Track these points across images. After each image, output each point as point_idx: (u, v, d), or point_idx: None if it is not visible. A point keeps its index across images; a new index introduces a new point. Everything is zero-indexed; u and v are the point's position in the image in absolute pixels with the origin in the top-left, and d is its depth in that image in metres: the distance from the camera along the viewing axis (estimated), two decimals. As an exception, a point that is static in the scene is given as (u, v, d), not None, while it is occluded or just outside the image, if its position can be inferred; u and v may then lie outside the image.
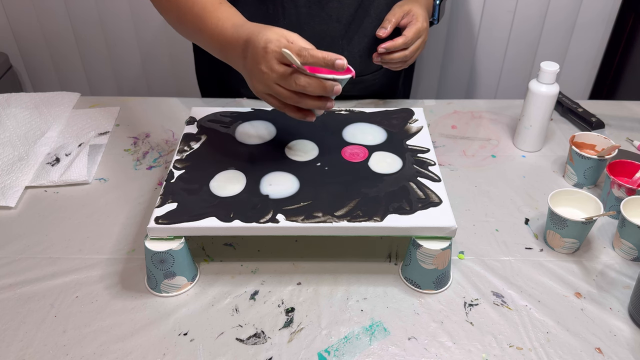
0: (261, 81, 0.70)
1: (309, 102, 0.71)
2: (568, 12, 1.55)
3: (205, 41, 0.79)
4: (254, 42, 0.70)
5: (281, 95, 0.70)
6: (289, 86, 0.69)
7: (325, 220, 0.69)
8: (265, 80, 0.70)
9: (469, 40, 1.61)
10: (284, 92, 0.70)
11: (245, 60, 0.72)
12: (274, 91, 0.70)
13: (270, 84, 0.70)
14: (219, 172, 0.77)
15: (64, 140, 0.99)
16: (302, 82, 0.68)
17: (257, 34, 0.70)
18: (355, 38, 0.99)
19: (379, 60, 0.96)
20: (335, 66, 0.68)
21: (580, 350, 0.65)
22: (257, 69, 0.69)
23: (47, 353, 0.64)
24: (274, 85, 0.70)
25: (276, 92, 0.70)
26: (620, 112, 1.10)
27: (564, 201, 0.79)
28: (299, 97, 0.70)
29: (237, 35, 0.74)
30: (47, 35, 1.61)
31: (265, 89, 0.71)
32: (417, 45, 0.94)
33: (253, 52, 0.70)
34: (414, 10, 0.94)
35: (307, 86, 0.68)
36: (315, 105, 0.71)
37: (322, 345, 0.65)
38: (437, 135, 1.02)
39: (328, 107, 0.72)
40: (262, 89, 0.71)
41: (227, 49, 0.76)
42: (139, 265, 0.75)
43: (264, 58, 0.68)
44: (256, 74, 0.70)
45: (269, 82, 0.70)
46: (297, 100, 0.70)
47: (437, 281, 0.71)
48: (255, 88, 0.72)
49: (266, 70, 0.69)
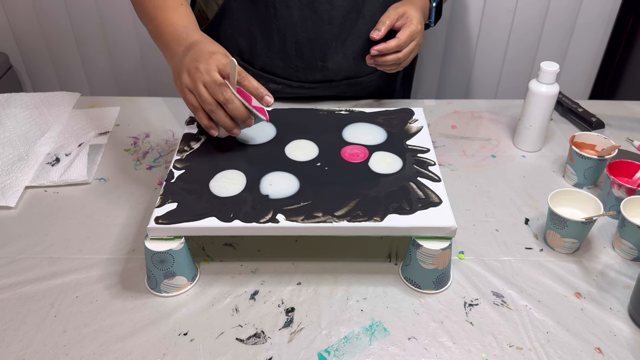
0: (191, 77, 0.75)
1: (222, 117, 0.75)
2: (568, 12, 1.55)
3: (154, 30, 0.85)
4: (201, 46, 0.77)
5: (202, 97, 0.74)
6: (213, 93, 0.74)
7: (325, 220, 0.69)
8: (195, 78, 0.74)
9: (469, 40, 1.61)
10: (205, 95, 0.74)
11: (184, 58, 0.77)
12: (197, 90, 0.74)
13: (197, 83, 0.74)
14: (219, 172, 0.77)
15: (64, 140, 0.99)
16: (227, 96, 0.73)
17: (208, 43, 0.78)
18: (349, 40, 0.99)
19: (372, 62, 0.96)
20: (263, 100, 0.75)
21: (580, 350, 0.65)
22: (194, 65, 0.74)
23: (47, 353, 0.64)
24: (200, 85, 0.74)
25: (199, 92, 0.74)
26: (620, 112, 1.10)
27: (564, 201, 0.79)
28: (216, 107, 0.75)
29: (185, 35, 0.81)
30: (47, 35, 1.61)
31: (191, 84, 0.75)
32: (410, 47, 0.94)
33: (196, 52, 0.76)
34: (409, 12, 0.94)
35: (229, 102, 0.73)
36: (226, 123, 0.76)
37: (322, 345, 0.65)
38: (437, 135, 1.02)
39: (233, 133, 0.78)
40: (188, 83, 0.75)
41: (171, 43, 0.82)
42: (139, 265, 0.75)
43: (206, 60, 0.74)
44: (190, 69, 0.75)
45: (197, 80, 0.74)
46: (213, 109, 0.75)
47: (437, 281, 0.71)
48: (182, 80, 0.76)
49: (202, 69, 0.73)
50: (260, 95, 0.75)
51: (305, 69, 1.01)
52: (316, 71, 1.02)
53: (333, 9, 0.95)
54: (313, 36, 0.97)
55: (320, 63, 1.00)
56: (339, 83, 1.05)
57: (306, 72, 1.02)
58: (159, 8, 0.85)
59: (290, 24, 0.96)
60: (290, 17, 0.95)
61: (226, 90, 0.73)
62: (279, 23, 0.96)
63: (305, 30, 0.96)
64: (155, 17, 0.85)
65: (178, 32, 0.82)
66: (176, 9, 0.85)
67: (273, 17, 0.96)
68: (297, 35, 0.97)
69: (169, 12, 0.84)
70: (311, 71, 1.02)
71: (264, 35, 0.98)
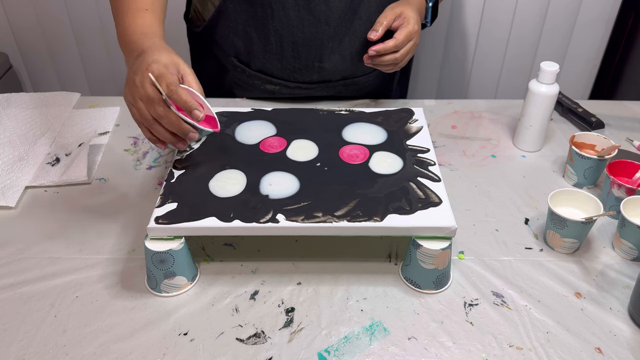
0: (130, 90, 0.72)
1: (161, 132, 0.72)
2: (568, 11, 1.55)
3: (118, 32, 0.83)
4: (145, 56, 0.72)
5: (140, 112, 0.72)
6: (148, 108, 0.70)
7: (325, 220, 0.69)
8: (133, 91, 0.71)
9: (469, 40, 1.61)
10: (143, 110, 0.71)
11: (130, 68, 0.74)
12: (136, 105, 0.72)
13: (135, 97, 0.71)
14: (219, 172, 0.77)
15: (64, 140, 0.99)
16: (159, 112, 0.69)
17: (153, 51, 0.73)
18: (346, 40, 0.99)
19: (370, 62, 0.96)
20: (192, 115, 0.70)
21: (580, 350, 0.65)
22: (132, 78, 0.71)
23: (47, 353, 0.64)
24: (138, 100, 0.71)
25: (137, 106, 0.71)
26: (620, 112, 1.10)
27: (564, 201, 0.79)
28: (153, 122, 0.71)
29: (139, 43, 0.76)
30: (47, 35, 1.61)
31: (131, 98, 0.72)
32: (408, 48, 0.94)
33: (138, 63, 0.72)
34: (406, 12, 0.94)
35: (162, 118, 0.70)
36: (166, 138, 0.72)
37: (322, 345, 0.65)
38: (437, 135, 1.02)
39: (179, 147, 0.74)
40: (129, 97, 0.73)
41: (126, 50, 0.79)
42: (139, 265, 0.75)
43: (142, 73, 0.70)
44: (129, 82, 0.72)
45: (135, 94, 0.71)
46: (150, 125, 0.72)
47: (437, 281, 0.71)
48: (125, 94, 0.74)
49: (138, 83, 0.70)
50: (189, 110, 0.70)
51: (302, 69, 1.01)
52: (313, 72, 1.02)
53: (329, 10, 0.95)
54: (310, 37, 0.97)
55: (317, 64, 1.00)
56: (336, 83, 1.05)
57: (303, 72, 1.02)
58: (122, 13, 0.82)
59: (286, 25, 0.96)
60: (286, 18, 0.95)
61: (157, 107, 0.69)
62: (275, 24, 0.96)
63: (302, 31, 0.96)
64: (117, 22, 0.82)
65: (134, 39, 0.78)
66: (138, 13, 0.81)
67: (270, 18, 0.96)
68: (293, 36, 0.97)
69: (129, 18, 0.80)
70: (308, 72, 1.02)
71: (260, 36, 0.98)
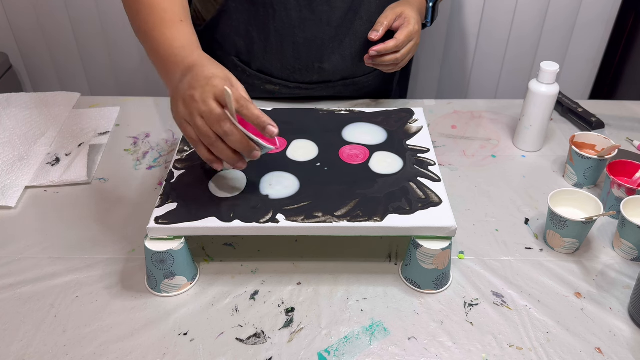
0: (187, 107, 0.66)
1: (224, 151, 0.67)
2: (568, 12, 1.55)
3: (151, 49, 0.76)
4: (198, 70, 0.67)
5: (199, 129, 0.66)
6: (211, 125, 0.65)
7: (325, 220, 0.69)
8: (191, 108, 0.66)
9: (469, 40, 1.61)
10: (203, 127, 0.65)
11: (180, 83, 0.68)
12: (194, 122, 0.66)
13: (194, 113, 0.65)
14: (219, 172, 0.77)
15: (64, 140, 0.99)
16: (226, 129, 0.64)
17: (206, 65, 0.68)
18: (347, 40, 0.99)
19: (371, 62, 0.96)
20: (266, 131, 0.65)
21: (580, 350, 0.65)
22: (189, 94, 0.66)
23: (47, 353, 0.64)
24: (196, 116, 0.65)
25: (196, 123, 0.66)
26: (620, 112, 1.10)
27: (564, 201, 0.79)
28: (215, 140, 0.66)
29: (183, 56, 0.71)
30: (47, 35, 1.61)
31: (187, 115, 0.67)
32: (408, 48, 0.95)
33: (193, 77, 0.67)
34: (406, 12, 0.94)
35: (229, 134, 0.65)
36: (228, 157, 0.67)
37: (322, 345, 0.65)
38: (437, 135, 1.02)
39: (238, 167, 0.69)
40: (184, 114, 0.67)
41: (167, 65, 0.73)
42: (139, 265, 0.75)
43: (202, 87, 0.65)
44: (186, 98, 0.66)
45: (193, 111, 0.65)
46: (212, 143, 0.66)
47: (437, 281, 0.71)
48: (178, 111, 0.68)
49: (198, 99, 0.65)
50: (262, 125, 0.65)
51: (302, 70, 1.01)
52: (313, 72, 1.02)
53: (331, 10, 0.95)
54: (311, 37, 0.97)
55: (318, 64, 1.01)
56: (336, 84, 1.05)
57: (303, 73, 1.02)
58: (156, 24, 0.76)
59: (288, 25, 0.96)
60: (288, 19, 0.95)
61: (225, 122, 0.64)
62: (277, 24, 0.96)
63: (303, 32, 0.97)
64: (151, 35, 0.76)
65: (175, 53, 0.72)
66: (174, 26, 0.76)
67: (271, 18, 0.96)
68: (294, 37, 0.97)
69: (166, 29, 0.75)
70: (308, 72, 1.02)
71: (261, 36, 0.98)
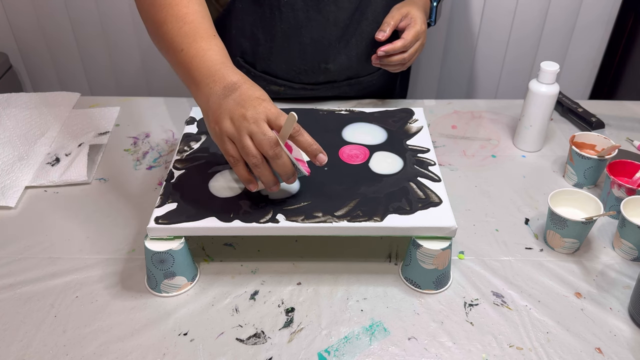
0: (235, 124, 0.65)
1: (266, 174, 0.67)
2: (568, 12, 1.55)
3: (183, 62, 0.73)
4: (245, 89, 0.67)
5: (246, 149, 0.65)
6: (260, 146, 0.64)
7: (325, 220, 0.69)
8: (240, 125, 0.65)
9: (469, 40, 1.61)
10: (251, 148, 0.65)
11: (225, 100, 0.67)
12: (241, 140, 0.65)
13: (242, 132, 0.65)
14: (219, 172, 0.77)
15: (64, 140, 0.99)
16: (277, 152, 0.64)
17: (251, 86, 0.68)
18: (353, 41, 0.99)
19: (378, 62, 0.96)
20: (317, 158, 0.66)
21: (580, 350, 0.65)
22: (239, 111, 0.65)
23: (47, 353, 0.64)
24: (245, 135, 0.65)
25: (243, 143, 0.65)
26: (620, 112, 1.10)
27: (564, 201, 0.79)
28: (261, 162, 0.66)
29: (223, 72, 0.69)
30: (47, 35, 1.61)
31: (234, 133, 0.65)
32: (415, 47, 0.95)
33: (241, 96, 0.66)
34: (412, 13, 0.95)
35: (278, 158, 0.65)
36: (269, 180, 0.67)
37: (322, 345, 0.65)
38: (437, 135, 1.02)
39: (273, 189, 0.69)
40: (230, 130, 0.66)
41: (204, 79, 0.70)
42: (139, 265, 0.75)
43: (255, 108, 0.65)
44: (234, 116, 0.65)
45: (242, 129, 0.65)
46: (257, 164, 0.66)
47: (437, 281, 0.71)
48: (222, 126, 0.66)
49: (249, 117, 0.64)
50: (314, 153, 0.66)
51: (308, 71, 1.02)
52: (319, 73, 1.02)
53: (338, 10, 0.95)
54: (317, 38, 0.97)
55: (323, 65, 1.01)
56: (340, 84, 1.05)
57: (309, 74, 1.02)
58: (189, 38, 0.72)
59: (294, 26, 0.96)
60: (295, 20, 0.95)
61: (277, 145, 0.64)
62: (283, 25, 0.96)
63: (310, 32, 0.97)
64: (184, 49, 0.72)
65: (215, 68, 0.69)
66: (210, 40, 0.73)
67: (278, 19, 0.96)
68: (301, 37, 0.97)
69: (202, 44, 0.72)
70: (314, 73, 1.02)
71: (267, 38, 0.98)
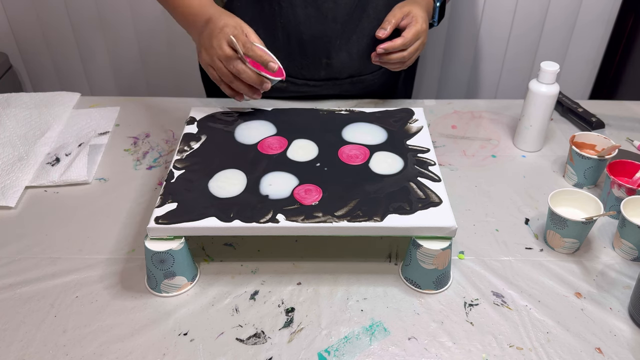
0: (208, 53, 0.85)
1: (240, 86, 0.86)
2: (568, 12, 1.55)
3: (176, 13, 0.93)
4: (214, 22, 0.85)
5: (219, 71, 0.85)
6: (227, 66, 0.84)
7: (325, 220, 0.69)
8: (211, 54, 0.85)
9: (469, 40, 1.61)
10: (222, 69, 0.85)
11: (202, 35, 0.87)
12: (215, 65, 0.85)
13: (213, 58, 0.85)
14: (219, 172, 0.77)
15: (64, 140, 0.99)
16: (239, 68, 0.83)
17: (219, 17, 0.86)
18: (354, 38, 0.99)
19: (378, 60, 0.96)
20: (267, 67, 0.84)
21: (580, 350, 0.65)
22: (209, 42, 0.84)
23: (47, 353, 0.64)
24: (216, 60, 0.84)
25: (217, 66, 0.85)
26: (620, 112, 1.10)
27: (564, 201, 0.79)
28: (233, 78, 0.85)
29: (201, 12, 0.89)
30: (47, 35, 1.61)
31: (209, 60, 0.85)
32: (415, 46, 0.95)
33: (211, 29, 0.85)
34: (414, 11, 0.95)
35: (241, 73, 0.84)
36: (245, 90, 0.87)
37: (322, 345, 0.65)
38: (437, 135, 1.02)
39: (255, 97, 0.88)
40: (207, 60, 0.86)
41: (189, 21, 0.91)
42: (139, 265, 0.75)
43: (217, 36, 0.83)
44: (207, 47, 0.85)
45: (213, 56, 0.85)
46: (231, 80, 0.86)
47: (437, 281, 0.71)
48: (202, 58, 0.87)
49: (215, 46, 0.83)
50: (264, 63, 0.83)
51: (309, 66, 1.02)
52: (321, 69, 1.02)
53: (337, 7, 0.95)
54: (317, 34, 0.97)
55: (325, 60, 1.01)
56: (343, 81, 1.05)
57: (310, 69, 1.02)
58: None
59: (294, 22, 0.96)
60: (294, 15, 0.96)
61: (236, 63, 0.83)
62: (283, 21, 0.96)
63: (309, 28, 0.97)
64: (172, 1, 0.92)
65: (195, 12, 0.89)
66: None
67: (277, 15, 0.96)
68: (300, 33, 0.97)
69: None
70: (316, 68, 1.02)
71: (267, 33, 0.98)
